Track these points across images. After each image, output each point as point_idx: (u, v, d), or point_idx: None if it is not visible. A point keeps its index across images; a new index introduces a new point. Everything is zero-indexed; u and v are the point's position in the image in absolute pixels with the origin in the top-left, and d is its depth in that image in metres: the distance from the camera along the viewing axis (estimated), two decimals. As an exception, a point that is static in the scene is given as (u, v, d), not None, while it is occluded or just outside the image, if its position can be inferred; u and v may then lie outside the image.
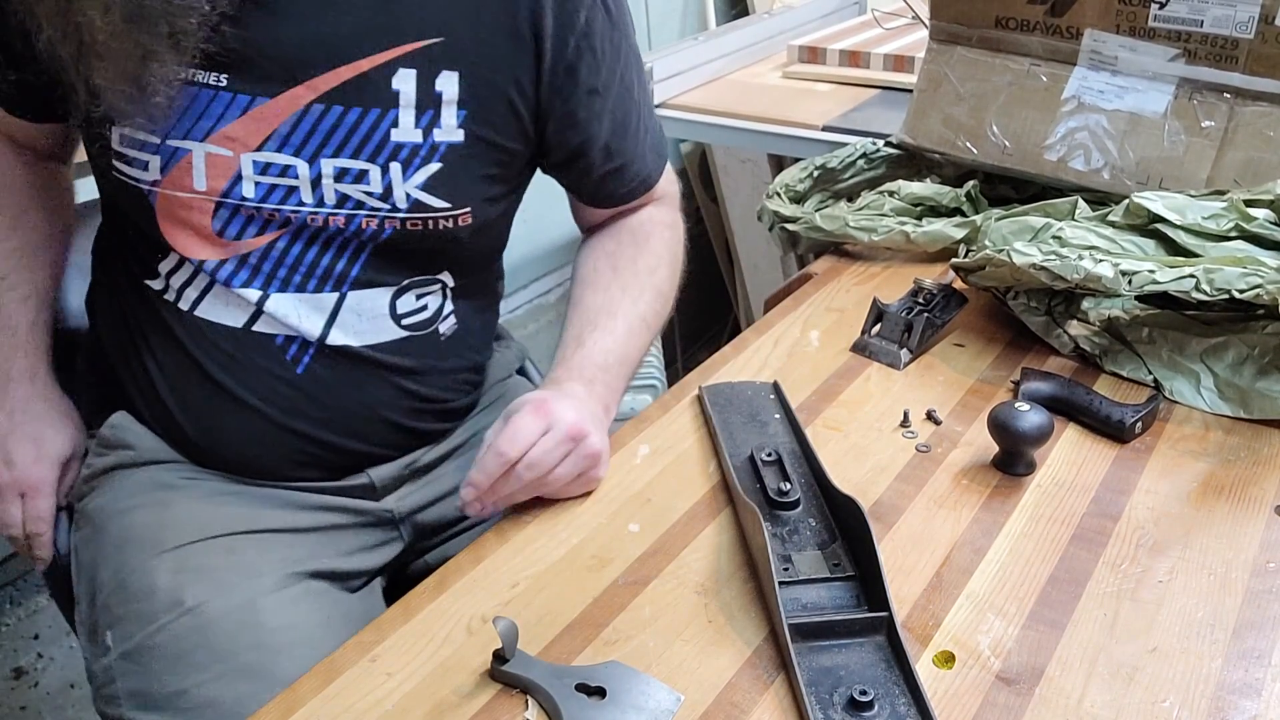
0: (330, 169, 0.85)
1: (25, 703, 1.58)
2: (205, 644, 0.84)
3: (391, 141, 0.86)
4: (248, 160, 0.84)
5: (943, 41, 1.27)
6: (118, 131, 0.85)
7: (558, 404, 0.84)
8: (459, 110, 0.87)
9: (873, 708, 0.65)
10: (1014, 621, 0.73)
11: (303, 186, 0.86)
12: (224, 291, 0.89)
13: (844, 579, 0.75)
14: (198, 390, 0.92)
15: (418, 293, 0.94)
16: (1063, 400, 0.94)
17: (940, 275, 1.17)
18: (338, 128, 0.85)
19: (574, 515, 0.85)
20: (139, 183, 0.86)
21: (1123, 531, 0.81)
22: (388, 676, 0.70)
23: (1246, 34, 1.09)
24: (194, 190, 0.85)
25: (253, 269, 0.88)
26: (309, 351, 0.91)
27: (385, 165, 0.86)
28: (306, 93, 0.84)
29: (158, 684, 0.83)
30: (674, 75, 1.78)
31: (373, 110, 0.85)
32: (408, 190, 0.87)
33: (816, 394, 0.99)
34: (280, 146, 0.84)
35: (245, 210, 0.86)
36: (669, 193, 1.07)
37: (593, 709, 0.66)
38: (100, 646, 0.88)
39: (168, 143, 0.84)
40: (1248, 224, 0.97)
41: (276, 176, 0.85)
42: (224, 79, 0.83)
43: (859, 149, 1.33)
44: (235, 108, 0.83)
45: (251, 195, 0.85)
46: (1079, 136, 1.18)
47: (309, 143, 0.85)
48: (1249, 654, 0.69)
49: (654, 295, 0.99)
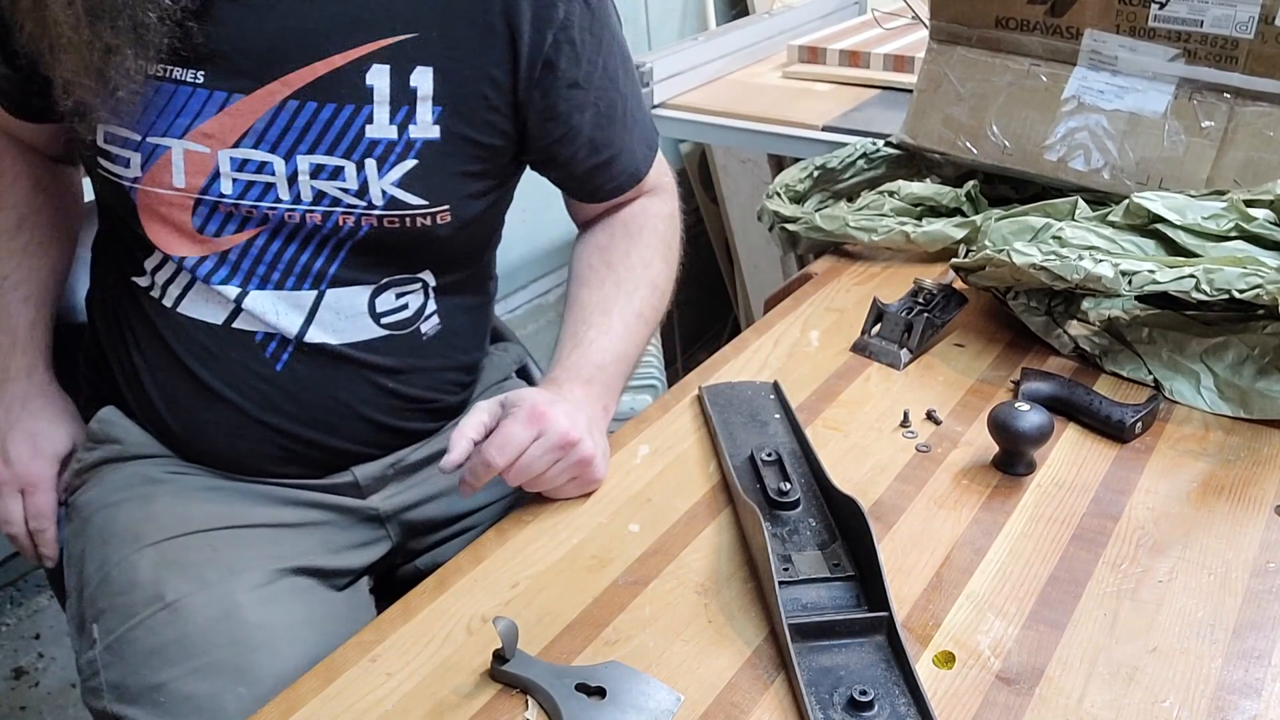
0: (306, 165, 0.85)
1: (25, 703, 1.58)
2: (182, 639, 0.84)
3: (366, 138, 0.86)
4: (225, 157, 0.85)
5: (943, 41, 1.27)
6: (102, 129, 0.85)
7: (552, 409, 0.83)
8: (434, 107, 0.87)
9: (873, 708, 0.65)
10: (1014, 621, 0.73)
11: (280, 183, 0.86)
12: (204, 288, 0.89)
13: (844, 579, 0.75)
14: (180, 385, 0.92)
15: (397, 291, 0.93)
16: (1063, 400, 0.94)
17: (940, 275, 1.17)
18: (313, 124, 0.85)
19: (574, 515, 0.85)
20: (121, 179, 0.86)
21: (1123, 531, 0.81)
22: (388, 676, 0.70)
23: (1246, 34, 1.09)
24: (173, 187, 0.85)
25: (232, 266, 0.88)
26: (288, 349, 0.91)
27: (360, 162, 0.86)
28: (282, 88, 0.84)
29: (135, 677, 0.84)
30: (674, 75, 1.78)
31: (347, 106, 0.85)
32: (383, 187, 0.87)
33: (816, 394, 0.99)
34: (257, 143, 0.85)
35: (224, 207, 0.86)
36: (662, 183, 1.06)
37: (593, 709, 0.66)
38: (87, 639, 0.88)
39: (148, 140, 0.84)
40: (1248, 224, 0.97)
41: (254, 173, 0.85)
42: (200, 75, 0.83)
43: (859, 149, 1.33)
44: (212, 104, 0.84)
45: (230, 192, 0.86)
46: (1079, 136, 1.18)
47: (285, 139, 0.85)
48: (1249, 654, 0.69)
49: (649, 290, 0.99)
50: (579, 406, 0.87)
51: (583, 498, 0.86)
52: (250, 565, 0.89)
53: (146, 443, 0.95)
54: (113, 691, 0.85)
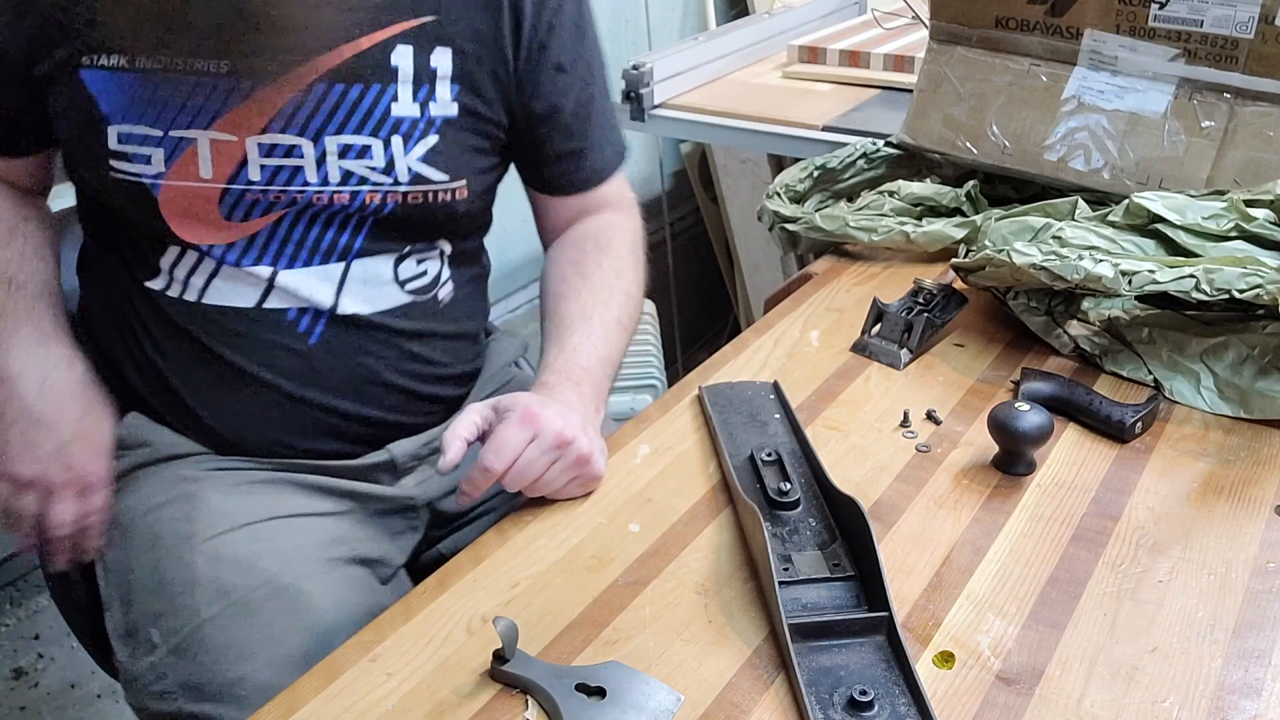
0: (335, 146, 0.88)
1: (25, 703, 1.59)
2: (255, 631, 0.85)
3: (392, 116, 0.89)
4: (253, 144, 0.86)
5: (943, 41, 1.27)
6: (115, 130, 0.86)
7: (545, 411, 0.84)
8: (452, 85, 0.91)
9: (873, 708, 0.65)
10: (1014, 621, 0.73)
11: (308, 166, 0.88)
12: (233, 272, 0.91)
13: (844, 579, 0.75)
14: (211, 374, 0.93)
15: (418, 258, 0.97)
16: (1063, 400, 0.94)
17: (940, 275, 1.17)
18: (340, 105, 0.87)
19: (574, 515, 0.85)
20: (140, 178, 0.87)
21: (1123, 531, 0.81)
22: (388, 676, 0.70)
23: (1246, 34, 1.09)
24: (200, 179, 0.86)
25: (260, 248, 0.90)
26: (321, 321, 0.93)
27: (387, 139, 0.89)
28: (309, 73, 0.86)
29: (211, 674, 0.84)
30: (674, 75, 1.78)
31: (374, 86, 0.88)
32: (409, 163, 0.90)
33: (816, 394, 0.99)
34: (285, 127, 0.87)
35: (252, 194, 0.88)
36: (627, 199, 1.09)
37: (593, 709, 0.66)
38: (143, 645, 0.88)
39: (171, 134, 0.85)
40: (1248, 224, 0.97)
41: (282, 158, 0.87)
42: (225, 65, 0.84)
43: (859, 149, 1.33)
44: (238, 94, 0.85)
45: (258, 179, 0.87)
46: (1079, 136, 1.18)
47: (312, 121, 0.87)
48: (1249, 654, 0.69)
49: (625, 298, 1.01)
50: (571, 407, 0.87)
51: (583, 498, 0.86)
52: (305, 555, 0.91)
53: (178, 442, 0.95)
54: (188, 692, 0.85)
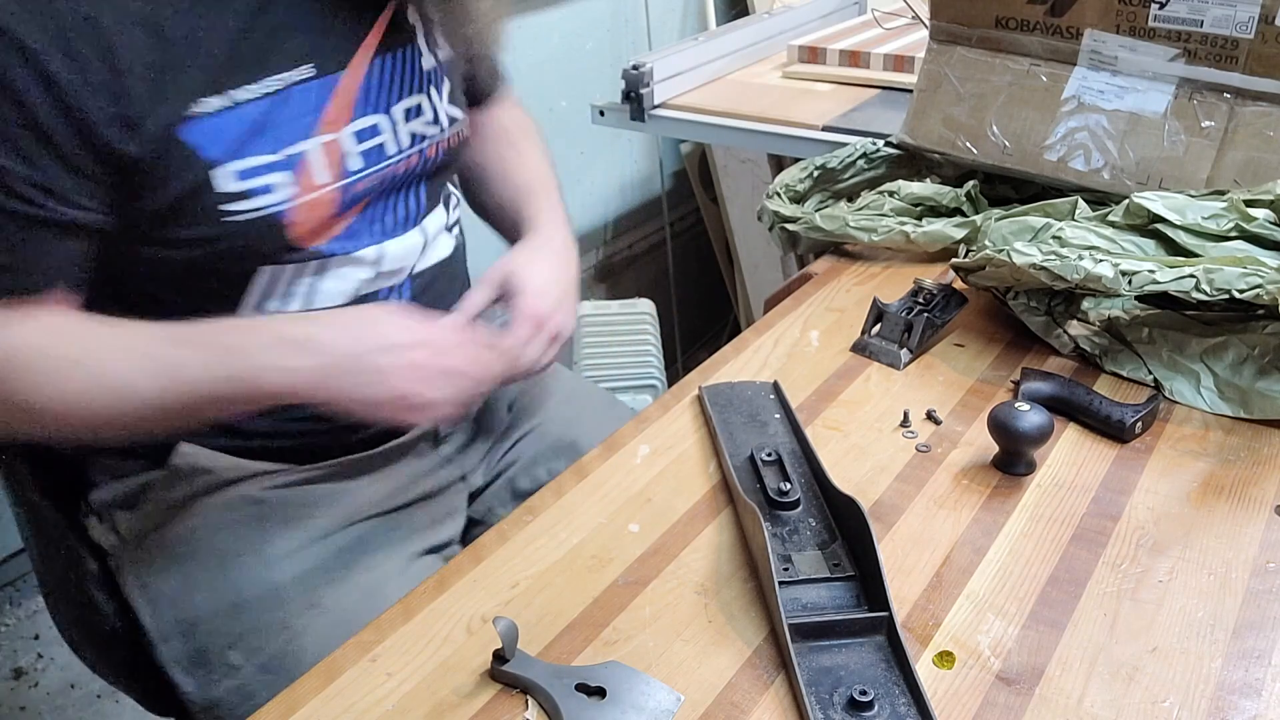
0: (400, 113, 0.92)
1: (25, 703, 1.59)
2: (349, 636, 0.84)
3: (424, 69, 0.95)
4: (348, 135, 0.88)
5: (943, 41, 1.27)
6: (227, 170, 0.81)
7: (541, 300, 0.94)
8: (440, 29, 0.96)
9: (873, 708, 0.65)
10: (1014, 621, 0.73)
11: (387, 140, 0.91)
12: (340, 260, 0.90)
13: (844, 579, 0.75)
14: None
15: (446, 204, 1.03)
16: (1063, 400, 0.94)
17: (940, 275, 1.17)
18: (393, 73, 0.92)
19: (574, 515, 0.85)
20: (262, 210, 0.83)
21: (1123, 531, 0.81)
22: (388, 676, 0.70)
23: (1246, 34, 1.09)
24: (318, 187, 0.86)
25: (363, 231, 0.92)
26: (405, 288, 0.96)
27: (428, 91, 0.95)
28: (366, 51, 0.89)
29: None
30: (674, 75, 1.78)
31: (407, 46, 0.93)
32: (445, 110, 0.97)
33: (816, 394, 0.99)
34: (365, 111, 0.89)
35: (354, 185, 0.89)
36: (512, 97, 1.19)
37: (593, 709, 0.66)
38: (219, 670, 0.88)
39: (287, 153, 0.83)
40: (1248, 224, 0.97)
41: (370, 140, 0.90)
42: (311, 69, 0.85)
43: (859, 149, 1.33)
44: (324, 91, 0.86)
45: (359, 166, 0.89)
46: (1079, 136, 1.18)
47: (380, 95, 0.91)
48: (1249, 654, 0.69)
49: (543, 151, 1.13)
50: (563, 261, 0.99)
51: (583, 497, 0.86)
52: (380, 557, 0.92)
53: (234, 465, 0.93)
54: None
